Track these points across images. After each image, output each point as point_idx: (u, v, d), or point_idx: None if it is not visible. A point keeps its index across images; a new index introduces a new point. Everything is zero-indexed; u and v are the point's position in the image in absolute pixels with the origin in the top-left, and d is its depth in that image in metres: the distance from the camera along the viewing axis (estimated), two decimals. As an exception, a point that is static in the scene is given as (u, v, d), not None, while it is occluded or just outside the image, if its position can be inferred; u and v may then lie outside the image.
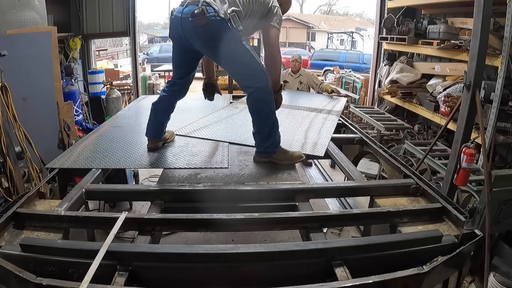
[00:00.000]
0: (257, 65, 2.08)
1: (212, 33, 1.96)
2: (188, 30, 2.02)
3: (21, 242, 1.40)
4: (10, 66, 3.08)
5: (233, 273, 1.44)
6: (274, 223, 1.68)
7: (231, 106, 3.73)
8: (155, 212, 1.81)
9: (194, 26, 1.96)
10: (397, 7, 5.99)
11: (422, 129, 5.46)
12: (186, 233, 3.48)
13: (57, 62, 4.38)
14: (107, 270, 1.32)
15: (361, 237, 2.43)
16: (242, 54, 2.03)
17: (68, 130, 4.28)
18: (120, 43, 19.43)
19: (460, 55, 4.49)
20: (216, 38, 1.96)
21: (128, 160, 2.31)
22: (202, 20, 1.92)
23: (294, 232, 2.90)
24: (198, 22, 1.93)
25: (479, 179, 3.10)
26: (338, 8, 40.44)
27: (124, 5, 6.87)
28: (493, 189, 2.52)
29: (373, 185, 2.12)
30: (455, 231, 1.62)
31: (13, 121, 3.01)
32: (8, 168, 2.86)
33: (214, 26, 1.94)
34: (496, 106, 3.39)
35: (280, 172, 2.19)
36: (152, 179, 4.83)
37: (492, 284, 2.69)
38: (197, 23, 1.93)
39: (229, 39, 1.97)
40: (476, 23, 2.78)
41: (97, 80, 7.00)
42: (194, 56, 2.24)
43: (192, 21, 1.94)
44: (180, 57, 2.27)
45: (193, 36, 2.02)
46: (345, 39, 22.70)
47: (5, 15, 3.71)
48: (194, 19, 1.93)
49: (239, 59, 2.05)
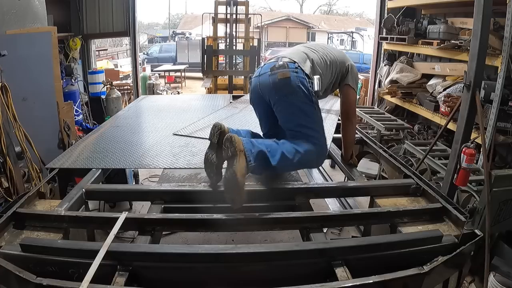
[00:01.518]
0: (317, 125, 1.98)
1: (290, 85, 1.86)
2: (265, 85, 1.93)
3: (21, 242, 1.40)
4: (10, 66, 3.08)
5: (233, 273, 1.45)
6: (274, 223, 1.68)
7: (231, 106, 3.74)
8: (155, 212, 1.81)
9: (273, 79, 1.88)
10: (397, 7, 5.98)
11: (422, 129, 5.45)
12: (186, 233, 3.48)
13: (57, 62, 4.38)
14: (107, 270, 1.32)
15: (361, 237, 2.43)
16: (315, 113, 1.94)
17: (68, 130, 4.28)
18: (120, 43, 19.43)
19: (460, 55, 4.49)
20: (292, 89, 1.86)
21: (128, 160, 2.30)
22: (283, 73, 1.85)
23: (294, 232, 2.90)
24: (278, 74, 1.86)
25: (479, 179, 3.10)
26: (338, 8, 40.42)
27: (124, 5, 6.86)
28: (493, 189, 2.52)
29: (373, 185, 2.12)
30: (455, 231, 1.62)
31: (13, 121, 3.01)
32: (8, 168, 2.86)
33: (293, 78, 1.85)
34: (496, 106, 3.39)
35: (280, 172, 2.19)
36: (152, 179, 4.82)
37: (492, 284, 2.69)
38: (277, 77, 1.86)
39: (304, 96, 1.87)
40: (476, 23, 2.78)
41: (97, 80, 6.99)
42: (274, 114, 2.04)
43: (272, 75, 1.88)
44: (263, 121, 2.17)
45: (269, 90, 1.92)
46: (345, 39, 22.68)
47: (5, 15, 3.70)
48: (274, 72, 1.88)
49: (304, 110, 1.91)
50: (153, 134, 2.84)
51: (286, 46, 24.25)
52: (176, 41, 19.78)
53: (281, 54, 2.03)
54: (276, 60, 1.97)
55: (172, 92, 11.80)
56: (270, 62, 2.00)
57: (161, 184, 2.03)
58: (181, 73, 14.49)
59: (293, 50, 2.09)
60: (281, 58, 1.94)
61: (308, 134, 1.91)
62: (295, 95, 1.87)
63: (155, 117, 3.38)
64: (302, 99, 1.89)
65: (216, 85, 6.83)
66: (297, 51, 2.05)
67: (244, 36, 6.69)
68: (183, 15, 36.11)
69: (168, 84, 13.42)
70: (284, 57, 1.96)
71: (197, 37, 19.53)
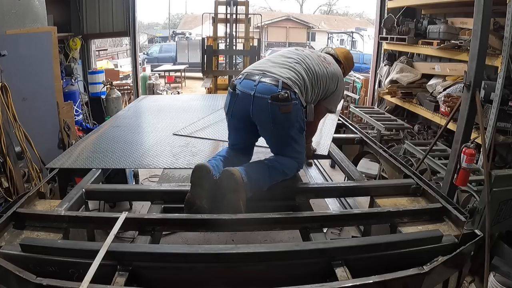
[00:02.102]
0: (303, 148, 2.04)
1: (290, 121, 1.84)
2: (262, 111, 1.81)
3: (21, 242, 1.40)
4: (10, 66, 3.08)
5: (233, 273, 1.44)
6: (274, 223, 1.68)
7: None
8: (155, 212, 1.81)
9: (273, 110, 1.78)
10: (397, 7, 5.98)
11: (422, 129, 5.46)
12: (186, 233, 3.48)
13: (57, 62, 4.38)
14: (107, 270, 1.32)
15: (361, 237, 2.42)
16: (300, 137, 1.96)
17: (68, 130, 4.28)
18: (120, 43, 19.43)
19: (460, 55, 4.49)
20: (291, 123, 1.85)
21: (128, 160, 2.31)
22: (287, 107, 1.77)
23: (294, 232, 2.89)
24: (281, 108, 1.77)
25: (479, 179, 3.10)
26: (338, 8, 40.46)
27: (124, 5, 6.86)
28: (493, 189, 2.52)
29: (373, 185, 2.12)
30: (455, 231, 1.62)
31: (13, 121, 3.01)
32: (8, 168, 2.86)
33: (294, 112, 1.82)
34: (496, 106, 3.39)
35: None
36: (152, 179, 4.82)
37: (492, 284, 2.69)
38: (279, 109, 1.77)
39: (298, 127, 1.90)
40: (476, 23, 2.78)
41: (97, 80, 7.00)
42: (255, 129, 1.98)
43: (273, 104, 1.76)
44: (238, 134, 2.06)
45: (264, 118, 1.83)
46: (345, 39, 22.68)
47: (5, 15, 3.70)
48: (276, 103, 1.76)
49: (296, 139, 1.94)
50: (153, 134, 2.84)
51: (286, 46, 24.25)
52: (176, 41, 19.79)
53: (278, 68, 1.89)
54: (274, 77, 1.82)
55: (172, 92, 11.80)
56: (265, 75, 1.84)
57: (161, 184, 2.03)
58: (181, 73, 14.50)
59: (291, 67, 1.92)
60: (281, 81, 1.80)
61: (294, 156, 1.97)
62: (292, 127, 1.88)
63: (155, 117, 3.38)
64: (297, 130, 1.91)
65: (216, 85, 6.83)
66: (296, 72, 1.90)
67: (244, 36, 6.69)
68: (183, 15, 36.13)
69: (168, 84, 13.43)
70: (284, 79, 1.82)
71: (197, 37, 19.54)
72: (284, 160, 1.95)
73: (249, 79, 1.86)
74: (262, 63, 2.01)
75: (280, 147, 1.97)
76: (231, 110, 1.94)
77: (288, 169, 1.96)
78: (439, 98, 4.65)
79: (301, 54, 2.04)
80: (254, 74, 1.88)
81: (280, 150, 1.98)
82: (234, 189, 1.67)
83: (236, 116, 1.94)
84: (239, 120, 1.96)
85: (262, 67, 1.93)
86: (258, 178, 1.80)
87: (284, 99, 1.76)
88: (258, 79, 1.82)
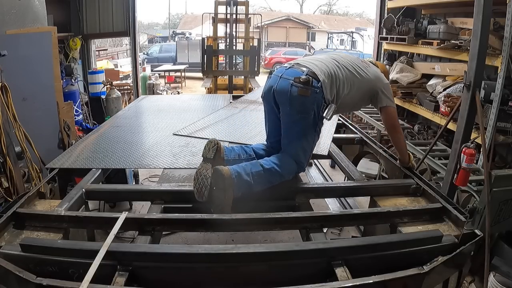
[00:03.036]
0: (310, 150, 2.05)
1: (305, 106, 1.89)
2: (282, 90, 1.91)
3: (21, 242, 1.40)
4: (10, 66, 3.08)
5: (233, 273, 1.45)
6: (274, 223, 1.68)
7: (231, 106, 3.74)
8: (155, 212, 1.81)
9: (292, 91, 1.86)
10: (397, 7, 5.98)
11: (422, 129, 5.45)
12: (186, 233, 3.48)
13: (57, 62, 4.38)
14: (107, 270, 1.32)
15: (361, 237, 2.43)
16: (311, 133, 1.97)
17: (68, 130, 4.28)
18: (120, 43, 19.43)
19: (460, 55, 4.49)
20: (306, 110, 1.89)
21: (128, 160, 2.31)
22: (304, 91, 1.84)
23: (294, 232, 2.89)
24: (299, 90, 1.84)
25: (479, 179, 3.10)
26: (338, 8, 40.50)
27: (124, 5, 6.86)
28: (493, 189, 2.52)
29: (373, 185, 2.12)
30: (455, 231, 1.62)
31: (13, 121, 3.01)
32: (8, 168, 2.86)
33: (311, 99, 1.87)
34: (496, 106, 3.39)
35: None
36: (152, 179, 4.82)
37: (492, 284, 2.69)
38: (297, 90, 1.84)
39: (311, 119, 1.91)
40: (476, 23, 2.78)
41: (97, 80, 6.99)
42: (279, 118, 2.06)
43: (293, 85, 1.85)
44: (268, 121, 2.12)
45: (283, 99, 1.92)
46: (345, 39, 22.69)
47: (5, 15, 3.70)
48: (296, 84, 1.85)
49: (306, 135, 1.96)
50: (153, 134, 2.84)
51: (286, 46, 24.27)
52: (176, 41, 19.79)
53: (312, 62, 1.97)
54: (305, 67, 1.91)
55: (172, 92, 11.80)
56: (298, 66, 1.94)
57: (161, 184, 2.03)
58: (181, 73, 14.50)
59: (325, 62, 2.00)
60: (309, 70, 1.89)
61: (297, 153, 1.97)
62: (305, 116, 1.90)
63: (155, 117, 3.38)
64: (309, 123, 1.93)
65: (216, 85, 6.83)
66: (328, 67, 1.97)
67: (244, 36, 6.69)
68: (183, 15, 36.15)
69: (168, 84, 13.43)
70: (312, 69, 1.90)
71: (197, 37, 19.55)
72: (283, 160, 1.94)
73: (282, 67, 2.01)
74: (301, 59, 2.11)
75: (289, 137, 1.98)
76: (263, 93, 2.07)
77: (286, 171, 1.94)
78: (439, 98, 4.65)
79: (341, 55, 2.15)
80: (287, 64, 2.01)
81: (287, 142, 1.99)
82: (222, 187, 1.70)
83: (265, 97, 2.06)
84: (267, 102, 2.07)
85: (300, 61, 2.04)
86: (250, 179, 1.80)
87: (304, 82, 1.84)
88: (289, 66, 1.97)
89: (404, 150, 2.24)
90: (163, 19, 46.57)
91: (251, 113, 3.45)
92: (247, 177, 1.80)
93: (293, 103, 1.88)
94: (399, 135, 2.24)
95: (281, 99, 1.94)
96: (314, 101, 1.88)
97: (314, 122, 1.94)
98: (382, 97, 2.11)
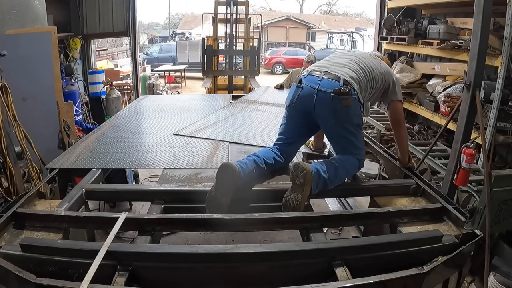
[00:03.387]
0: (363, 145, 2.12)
1: (349, 115, 1.95)
2: (323, 104, 1.93)
3: (21, 242, 1.40)
4: (10, 66, 3.08)
5: (233, 273, 1.44)
6: (274, 223, 1.68)
7: (231, 106, 3.74)
8: (155, 212, 1.81)
9: (335, 103, 1.89)
10: (397, 7, 5.98)
11: (422, 129, 5.46)
12: (186, 233, 3.48)
13: (57, 62, 4.38)
14: (107, 270, 1.32)
15: (361, 237, 2.43)
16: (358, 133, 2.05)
17: (68, 130, 4.28)
18: (120, 43, 19.44)
19: (460, 55, 4.49)
20: (350, 117, 1.96)
21: (128, 160, 2.30)
22: (347, 101, 1.90)
23: (294, 232, 2.90)
24: (342, 101, 1.89)
25: (479, 179, 3.10)
26: (338, 8, 40.48)
27: (124, 5, 6.86)
28: (493, 189, 2.52)
29: (373, 185, 2.12)
30: (455, 231, 1.62)
31: (13, 121, 3.01)
32: (8, 168, 2.86)
33: (353, 106, 1.94)
34: (496, 106, 3.39)
35: (280, 172, 2.19)
36: (152, 179, 4.83)
37: (492, 284, 2.69)
38: (341, 102, 1.89)
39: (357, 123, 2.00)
40: (476, 23, 2.78)
41: (97, 80, 7.00)
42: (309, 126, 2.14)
43: (335, 98, 1.89)
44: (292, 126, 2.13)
45: (327, 112, 1.94)
46: (345, 39, 22.71)
47: (5, 15, 3.70)
48: (338, 97, 1.88)
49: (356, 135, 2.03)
50: (153, 134, 2.84)
51: (286, 46, 24.26)
52: (176, 41, 19.79)
53: (339, 68, 2.01)
54: (337, 75, 1.94)
55: (172, 92, 11.81)
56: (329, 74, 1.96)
57: (161, 184, 2.03)
58: (181, 73, 14.50)
59: (349, 67, 2.04)
60: (342, 78, 1.93)
61: (354, 152, 2.02)
62: (351, 121, 1.97)
63: (155, 117, 3.38)
64: (356, 125, 2.00)
65: (216, 85, 6.83)
66: (353, 71, 2.02)
67: (244, 36, 6.69)
68: (183, 15, 36.15)
69: (168, 84, 13.44)
70: (344, 77, 1.94)
71: (197, 37, 19.55)
72: (345, 157, 2.01)
73: (313, 75, 2.00)
74: (323, 64, 2.11)
75: (340, 143, 2.05)
76: (293, 102, 2.04)
77: (351, 167, 2.01)
78: (439, 98, 4.65)
79: (356, 54, 2.17)
80: (317, 72, 2.01)
81: (341, 146, 2.05)
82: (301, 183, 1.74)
83: (297, 107, 2.04)
84: (298, 112, 2.06)
85: (324, 67, 2.04)
86: (327, 177, 1.86)
87: (345, 93, 1.89)
88: (321, 76, 1.96)
89: (406, 148, 2.27)
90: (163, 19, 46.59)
91: (251, 113, 3.45)
92: (324, 175, 1.85)
93: (338, 114, 1.93)
94: (403, 131, 2.29)
95: (323, 112, 1.96)
96: (356, 107, 1.96)
97: (358, 124, 2.03)
98: (393, 91, 2.19)
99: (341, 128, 1.98)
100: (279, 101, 4.06)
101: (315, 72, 2.01)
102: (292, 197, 1.76)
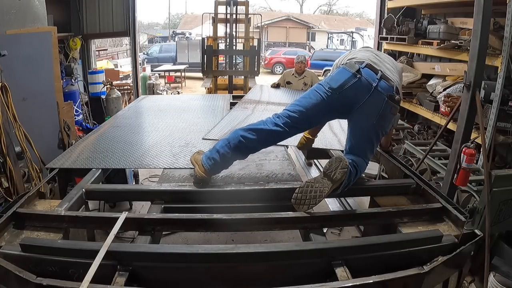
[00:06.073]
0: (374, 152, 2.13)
1: (389, 122, 1.98)
2: (374, 103, 1.87)
3: (21, 242, 1.40)
4: (10, 66, 3.08)
5: (233, 273, 1.45)
6: (274, 223, 1.68)
7: (240, 107, 3.64)
8: (155, 212, 1.81)
9: (385, 108, 1.88)
10: (397, 7, 5.98)
11: (422, 129, 5.46)
12: (186, 233, 3.48)
13: (57, 62, 4.38)
14: (107, 270, 1.32)
15: (361, 237, 2.43)
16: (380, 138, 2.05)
17: (68, 130, 4.28)
18: (120, 43, 19.43)
19: (460, 55, 4.49)
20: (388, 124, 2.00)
21: (128, 160, 2.30)
22: (396, 110, 1.93)
23: (294, 232, 2.90)
24: (392, 109, 1.90)
25: (479, 179, 3.10)
26: (338, 8, 40.47)
27: (124, 5, 6.86)
28: (493, 189, 2.52)
29: (373, 185, 2.12)
30: (455, 231, 1.62)
31: (13, 121, 3.01)
32: (8, 168, 2.86)
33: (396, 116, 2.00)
34: (496, 106, 3.39)
35: (280, 172, 2.19)
36: (152, 179, 4.83)
37: (492, 284, 2.69)
38: (391, 109, 1.90)
39: (386, 131, 2.05)
40: (476, 23, 2.78)
41: (97, 80, 7.00)
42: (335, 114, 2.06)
43: (387, 103, 1.87)
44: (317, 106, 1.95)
45: (373, 112, 1.88)
46: (345, 39, 22.71)
47: (5, 15, 3.70)
48: (390, 103, 1.88)
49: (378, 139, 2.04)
50: (153, 134, 2.84)
51: (286, 46, 24.26)
52: (176, 41, 19.78)
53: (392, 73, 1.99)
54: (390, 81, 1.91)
55: (172, 92, 11.81)
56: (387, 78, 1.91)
57: (161, 184, 2.02)
58: (181, 73, 14.50)
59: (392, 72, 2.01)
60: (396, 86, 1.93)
61: (368, 156, 2.01)
62: (384, 129, 1.99)
63: (155, 117, 3.38)
64: (384, 133, 2.03)
65: (216, 85, 6.82)
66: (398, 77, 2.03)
67: (244, 36, 6.69)
68: (183, 15, 36.15)
69: (168, 84, 13.43)
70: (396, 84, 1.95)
71: (197, 37, 19.55)
72: (361, 162, 1.96)
73: (372, 70, 1.91)
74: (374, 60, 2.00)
75: (363, 143, 1.98)
76: (344, 87, 1.88)
77: (361, 169, 1.98)
78: (439, 98, 4.65)
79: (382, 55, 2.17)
80: (375, 68, 1.93)
81: (360, 146, 1.97)
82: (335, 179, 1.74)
83: (344, 94, 1.88)
84: (341, 98, 1.90)
85: (377, 65, 1.97)
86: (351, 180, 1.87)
87: (397, 102, 1.91)
88: (380, 75, 1.90)
89: (389, 136, 2.41)
90: (163, 19, 46.56)
91: (263, 114, 3.36)
92: (351, 178, 1.86)
93: (382, 118, 1.91)
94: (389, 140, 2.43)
95: (369, 110, 1.88)
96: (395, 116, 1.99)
97: (386, 132, 2.07)
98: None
99: (373, 131, 1.95)
100: (283, 100, 4.05)
101: (373, 68, 1.92)
102: (318, 186, 1.72)
